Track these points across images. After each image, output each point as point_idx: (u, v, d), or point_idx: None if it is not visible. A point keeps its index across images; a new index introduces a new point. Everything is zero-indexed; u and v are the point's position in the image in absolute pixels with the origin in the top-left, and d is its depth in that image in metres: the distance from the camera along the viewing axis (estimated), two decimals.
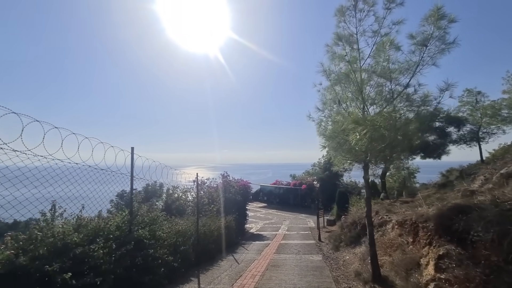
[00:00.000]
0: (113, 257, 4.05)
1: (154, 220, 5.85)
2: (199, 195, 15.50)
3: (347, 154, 6.22)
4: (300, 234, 14.74)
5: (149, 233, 5.19)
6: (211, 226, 9.26)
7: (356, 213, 11.49)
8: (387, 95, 5.29)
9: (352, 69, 4.89)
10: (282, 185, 27.95)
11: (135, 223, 5.20)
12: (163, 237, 5.66)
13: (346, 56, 4.97)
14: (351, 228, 9.77)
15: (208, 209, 13.99)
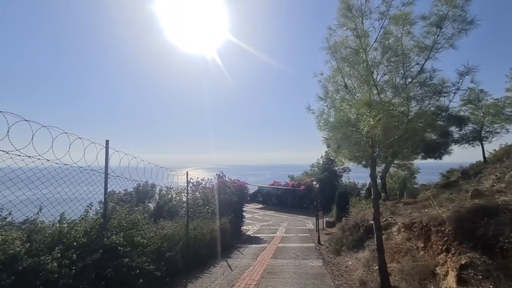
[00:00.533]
0: (73, 269, 3.32)
1: (134, 224, 5.11)
2: (194, 196, 14.79)
3: (354, 146, 5.50)
4: (298, 236, 14.00)
5: (124, 239, 4.44)
6: (203, 229, 8.52)
7: (357, 215, 10.78)
8: (400, 81, 4.60)
9: (362, 46, 4.20)
10: (280, 186, 27.22)
11: (109, 228, 4.46)
12: (143, 243, 4.91)
13: (356, 30, 4.27)
14: (353, 231, 9.05)
15: (203, 211, 13.26)
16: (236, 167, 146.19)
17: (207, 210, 13.31)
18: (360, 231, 8.70)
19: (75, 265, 3.37)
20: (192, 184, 14.99)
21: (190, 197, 14.58)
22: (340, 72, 4.60)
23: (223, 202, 14.08)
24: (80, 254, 3.62)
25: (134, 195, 12.57)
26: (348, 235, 9.07)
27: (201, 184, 15.20)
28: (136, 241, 4.72)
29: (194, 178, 15.25)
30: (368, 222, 8.91)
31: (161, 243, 5.86)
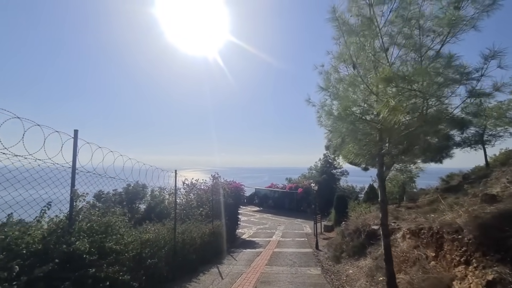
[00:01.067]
0: (14, 285, 2.64)
1: (108, 227, 4.42)
2: (188, 198, 14.09)
3: (361, 140, 4.85)
4: (295, 241, 13.30)
5: (92, 246, 3.75)
6: (193, 233, 7.82)
7: (357, 219, 10.13)
8: (414, 65, 3.98)
9: (375, 16, 3.57)
10: (278, 188, 26.52)
11: (73, 232, 3.76)
12: (117, 249, 4.21)
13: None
14: (353, 237, 8.38)
15: (196, 213, 12.56)
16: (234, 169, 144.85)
17: (200, 212, 12.64)
18: (361, 236, 8.03)
19: (19, 279, 2.69)
20: (186, 186, 14.32)
21: (183, 198, 13.91)
22: (348, 50, 3.95)
23: (217, 204, 13.40)
24: (30, 265, 2.94)
25: (124, 196, 11.84)
26: (349, 241, 8.40)
27: (195, 185, 14.50)
28: (107, 248, 4.03)
29: (189, 179, 14.57)
30: (369, 227, 8.25)
31: (142, 248, 5.17)
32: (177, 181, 11.51)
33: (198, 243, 7.81)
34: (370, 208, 12.49)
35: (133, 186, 12.44)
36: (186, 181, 14.39)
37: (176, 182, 7.11)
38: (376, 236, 7.92)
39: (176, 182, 7.07)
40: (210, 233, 8.89)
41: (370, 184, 22.67)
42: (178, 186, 14.36)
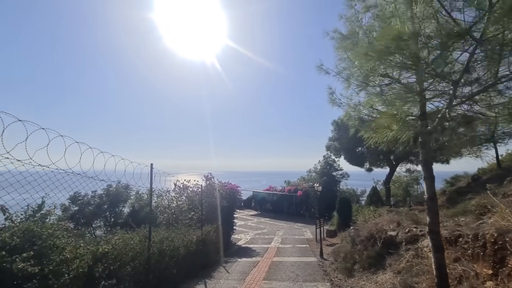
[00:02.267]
0: None
1: (33, 237, 2.98)
2: (178, 201, 12.61)
3: None
4: (296, 248, 11.81)
5: None
6: (176, 242, 6.35)
7: (366, 223, 8.73)
8: None
9: None
10: (276, 191, 25.03)
11: None
12: (31, 273, 2.73)
13: None
14: (367, 245, 6.95)
15: (188, 217, 11.10)
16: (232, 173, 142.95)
17: (192, 216, 11.18)
18: (377, 245, 6.60)
19: None
20: (177, 188, 12.84)
21: (173, 202, 12.43)
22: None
23: (210, 208, 11.95)
24: None
25: (105, 198, 10.35)
26: (361, 250, 6.96)
27: (188, 187, 13.00)
28: (14, 269, 2.57)
29: (181, 180, 13.07)
30: (386, 234, 6.83)
31: (94, 266, 3.71)
32: (165, 181, 10.14)
33: (182, 253, 6.35)
34: (379, 211, 11.07)
35: (115, 187, 10.97)
36: (178, 182, 12.91)
37: (151, 178, 5.65)
38: (396, 244, 6.51)
39: (152, 179, 5.61)
40: (199, 241, 7.43)
41: (373, 187, 21.26)
42: (167, 188, 12.95)
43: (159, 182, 7.97)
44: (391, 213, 10.07)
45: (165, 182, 10.83)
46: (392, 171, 17.15)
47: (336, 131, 16.32)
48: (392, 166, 16.79)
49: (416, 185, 23.52)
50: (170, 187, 12.69)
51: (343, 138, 16.01)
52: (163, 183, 11.12)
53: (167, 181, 11.46)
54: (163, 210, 11.75)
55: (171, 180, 12.19)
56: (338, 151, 16.70)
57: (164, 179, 9.09)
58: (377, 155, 15.02)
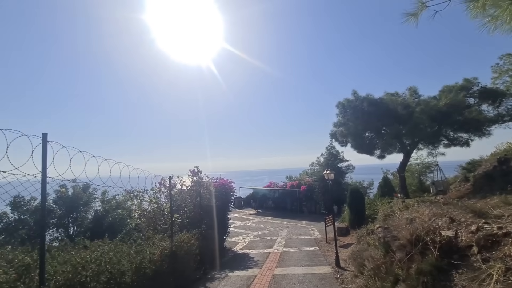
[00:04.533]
0: None
1: None
2: (159, 203, 10.21)
3: None
4: (303, 252, 9.40)
5: None
6: (122, 263, 3.94)
7: (390, 218, 6.33)
8: None
9: None
10: (278, 187, 22.61)
11: None
12: None
13: None
14: (412, 252, 4.52)
15: (168, 221, 8.78)
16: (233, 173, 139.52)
17: (174, 220, 8.86)
18: (431, 252, 4.16)
19: None
20: (156, 187, 10.42)
21: (153, 203, 10.04)
22: None
23: (198, 208, 9.59)
24: None
25: (61, 202, 7.96)
26: (405, 260, 4.53)
27: (174, 185, 10.56)
28: None
29: (166, 178, 10.61)
30: (440, 235, 4.41)
31: None
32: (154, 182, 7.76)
33: (130, 280, 3.93)
34: (406, 203, 8.63)
35: (74, 188, 8.56)
36: (162, 181, 10.46)
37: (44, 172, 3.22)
38: (460, 250, 4.12)
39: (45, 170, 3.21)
40: (165, 257, 5.01)
41: (384, 176, 18.77)
42: (146, 188, 10.53)
43: (148, 183, 5.80)
44: (423, 204, 7.62)
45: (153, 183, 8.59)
46: (407, 157, 14.69)
47: (341, 114, 13.87)
48: (407, 151, 14.31)
49: (429, 173, 21.05)
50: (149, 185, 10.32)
51: (350, 122, 13.56)
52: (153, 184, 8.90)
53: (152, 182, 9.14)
54: (141, 213, 9.39)
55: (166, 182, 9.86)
56: (345, 137, 14.25)
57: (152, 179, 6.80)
58: (391, 138, 12.54)
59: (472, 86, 13.10)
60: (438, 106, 11.89)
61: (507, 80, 13.45)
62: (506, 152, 13.97)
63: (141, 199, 10.02)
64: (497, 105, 13.09)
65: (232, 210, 23.29)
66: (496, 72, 13.79)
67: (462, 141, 14.15)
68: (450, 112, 11.69)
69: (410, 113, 12.20)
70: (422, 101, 12.74)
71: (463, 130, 12.48)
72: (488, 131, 12.24)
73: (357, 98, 13.12)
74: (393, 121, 12.40)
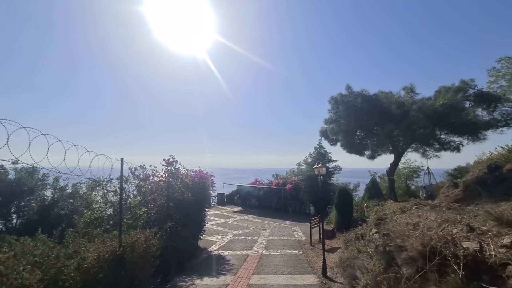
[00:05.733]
0: None
1: None
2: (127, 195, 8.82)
3: None
4: (286, 256, 8.28)
5: None
6: (23, 272, 2.62)
7: (400, 223, 5.29)
8: None
9: None
10: (263, 185, 21.48)
11: None
12: None
13: None
14: (425, 269, 3.44)
15: (134, 216, 7.48)
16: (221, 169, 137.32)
17: (142, 214, 7.59)
18: (456, 271, 3.09)
19: None
20: (131, 176, 9.01)
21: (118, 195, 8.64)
22: None
23: (171, 202, 8.31)
24: None
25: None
26: (414, 278, 3.44)
27: (150, 176, 9.19)
28: None
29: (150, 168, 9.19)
30: (461, 248, 3.35)
31: None
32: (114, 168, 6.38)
33: None
34: (401, 206, 7.67)
35: (16, 170, 7.03)
36: (136, 170, 9.00)
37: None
38: (490, 269, 3.05)
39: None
40: (106, 261, 3.72)
41: (372, 179, 17.94)
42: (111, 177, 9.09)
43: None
44: (424, 208, 6.69)
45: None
46: (398, 158, 13.89)
47: (334, 110, 12.89)
48: (399, 153, 13.50)
49: (416, 177, 20.52)
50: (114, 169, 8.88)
51: (342, 119, 12.59)
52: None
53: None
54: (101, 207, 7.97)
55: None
56: (336, 134, 13.26)
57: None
58: (384, 137, 11.64)
59: (469, 88, 12.40)
60: (434, 105, 11.08)
61: (503, 85, 12.87)
62: (490, 160, 13.43)
63: (106, 190, 8.58)
64: (492, 109, 12.48)
65: (214, 206, 22.01)
66: (492, 76, 13.20)
67: (453, 145, 13.47)
68: (447, 113, 10.89)
69: (405, 112, 11.34)
70: (418, 101, 11.92)
71: (458, 133, 11.73)
72: (484, 135, 11.53)
73: (351, 93, 12.15)
74: (387, 119, 11.51)
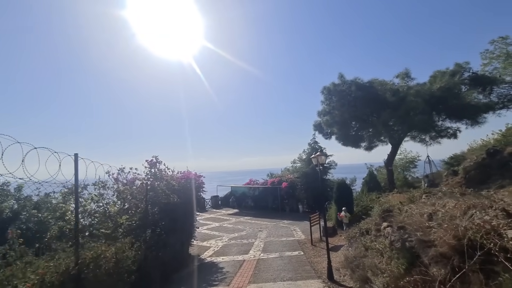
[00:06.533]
0: None
1: None
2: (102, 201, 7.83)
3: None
4: (286, 258, 7.46)
5: None
6: None
7: (414, 214, 4.55)
8: None
9: None
10: (258, 185, 20.64)
11: None
12: None
13: None
14: (466, 269, 2.63)
15: (111, 225, 6.55)
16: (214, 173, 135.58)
17: (122, 223, 6.67)
18: (510, 268, 2.29)
19: None
20: (109, 181, 7.99)
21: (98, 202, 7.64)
22: None
23: (155, 207, 7.40)
24: None
25: None
26: (451, 280, 2.64)
27: (133, 180, 8.17)
28: None
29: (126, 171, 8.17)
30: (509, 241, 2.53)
31: None
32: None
33: None
34: (409, 195, 6.96)
35: None
36: (114, 174, 7.98)
37: None
38: None
39: None
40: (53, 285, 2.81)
41: (370, 171, 17.27)
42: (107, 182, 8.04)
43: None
44: (436, 196, 5.96)
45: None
46: (396, 148, 13.28)
47: (327, 101, 12.21)
48: (396, 142, 12.88)
49: (413, 168, 20.03)
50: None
51: (336, 110, 11.90)
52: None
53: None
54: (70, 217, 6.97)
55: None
56: (330, 126, 12.58)
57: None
58: (381, 126, 10.99)
59: (464, 71, 11.89)
60: (431, 90, 10.48)
61: (497, 67, 12.41)
62: (485, 147, 12.96)
63: (82, 198, 7.55)
64: (488, 92, 12.00)
65: (209, 210, 20.99)
66: (486, 59, 12.76)
67: (450, 132, 12.98)
68: (445, 96, 10.31)
69: (402, 98, 10.73)
70: (414, 86, 11.32)
71: (457, 117, 11.16)
72: (484, 118, 11.00)
73: (344, 82, 11.49)
74: (383, 107, 10.88)
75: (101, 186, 7.44)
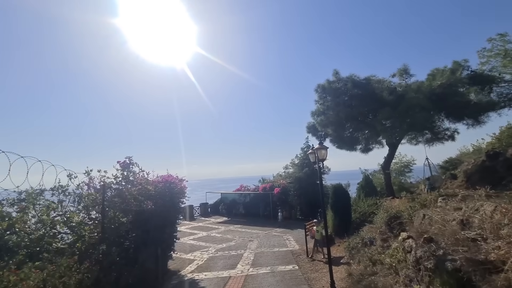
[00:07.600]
0: None
1: None
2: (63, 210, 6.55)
3: None
4: (278, 275, 6.33)
5: None
6: None
7: (439, 221, 3.57)
8: None
9: None
10: (249, 191, 19.47)
11: None
12: None
13: None
14: None
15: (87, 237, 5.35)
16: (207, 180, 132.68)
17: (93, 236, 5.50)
18: None
19: None
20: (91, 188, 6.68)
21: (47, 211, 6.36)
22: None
23: (127, 216, 6.21)
24: None
25: None
26: None
27: (110, 185, 6.91)
28: None
29: None
30: None
31: None
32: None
33: None
34: (420, 200, 6.02)
35: None
36: (91, 181, 6.68)
37: None
38: None
39: None
40: None
41: (365, 175, 16.39)
42: None
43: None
44: (455, 199, 5.06)
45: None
46: (393, 151, 12.46)
47: (321, 100, 11.34)
48: (393, 144, 12.06)
49: (408, 172, 19.32)
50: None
51: (331, 110, 11.03)
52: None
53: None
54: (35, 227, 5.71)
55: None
56: (324, 127, 11.68)
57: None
58: (380, 125, 10.11)
59: (462, 70, 11.26)
60: (432, 86, 9.73)
61: (496, 66, 11.86)
62: (478, 152, 12.35)
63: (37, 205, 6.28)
64: (487, 91, 11.39)
65: (197, 218, 19.54)
66: (483, 57, 12.22)
67: (448, 133, 12.29)
68: (446, 94, 9.56)
69: (401, 96, 9.95)
70: (413, 83, 10.58)
71: (457, 116, 10.42)
72: (487, 116, 10.30)
73: (339, 79, 10.66)
74: (381, 105, 10.04)
75: (60, 192, 6.19)
